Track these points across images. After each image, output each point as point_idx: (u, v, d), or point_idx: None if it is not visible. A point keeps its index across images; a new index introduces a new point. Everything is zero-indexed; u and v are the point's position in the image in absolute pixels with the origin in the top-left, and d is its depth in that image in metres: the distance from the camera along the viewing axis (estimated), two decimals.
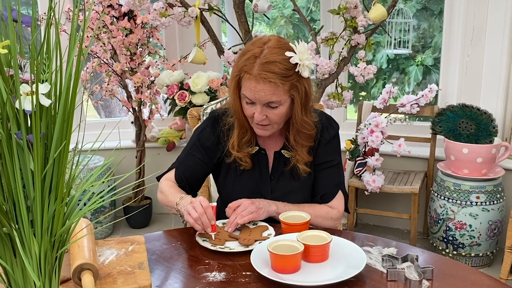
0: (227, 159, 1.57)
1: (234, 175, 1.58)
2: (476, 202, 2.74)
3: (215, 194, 1.80)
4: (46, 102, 0.78)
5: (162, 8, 2.53)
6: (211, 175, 1.73)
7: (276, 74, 1.38)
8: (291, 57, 1.40)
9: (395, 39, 3.55)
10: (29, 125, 0.79)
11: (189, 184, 1.62)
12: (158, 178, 1.66)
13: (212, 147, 1.59)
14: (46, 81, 0.80)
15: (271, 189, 1.57)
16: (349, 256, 1.26)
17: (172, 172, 1.63)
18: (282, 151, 1.58)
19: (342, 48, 2.59)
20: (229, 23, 2.74)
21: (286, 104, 1.45)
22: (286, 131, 1.56)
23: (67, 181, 0.86)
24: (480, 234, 2.76)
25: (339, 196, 1.60)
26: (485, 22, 2.95)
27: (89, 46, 1.04)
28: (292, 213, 1.46)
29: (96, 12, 3.03)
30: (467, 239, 2.78)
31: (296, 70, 1.41)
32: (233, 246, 1.35)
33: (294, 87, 1.42)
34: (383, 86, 3.51)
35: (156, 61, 3.27)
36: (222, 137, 1.58)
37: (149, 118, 3.35)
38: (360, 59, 2.56)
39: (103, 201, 0.89)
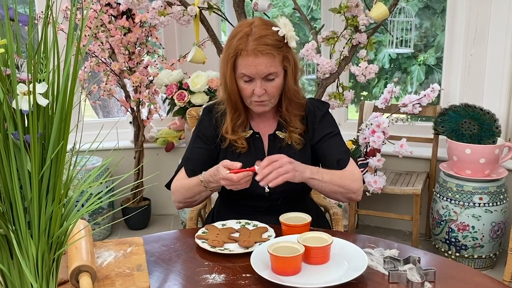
0: (222, 145, 1.63)
1: (231, 158, 1.58)
2: (479, 203, 2.73)
3: (214, 195, 1.78)
4: (43, 102, 0.78)
5: (161, 6, 2.52)
6: None
7: (271, 46, 1.49)
8: (278, 30, 1.51)
9: (397, 38, 3.54)
10: (26, 125, 0.80)
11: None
12: (168, 186, 1.68)
13: (211, 135, 1.65)
14: (43, 80, 0.80)
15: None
16: (350, 258, 1.25)
17: (181, 172, 1.66)
18: (276, 132, 1.64)
19: (343, 47, 2.57)
20: (228, 22, 2.73)
21: (281, 75, 1.55)
22: (278, 112, 1.64)
23: (65, 182, 0.86)
24: (483, 236, 2.75)
25: (352, 161, 1.62)
26: (488, 21, 2.94)
27: (87, 45, 1.03)
28: (292, 215, 1.45)
29: (94, 10, 3.03)
30: (469, 241, 2.77)
31: (285, 41, 1.52)
32: (233, 248, 1.34)
33: (286, 58, 1.53)
34: (385, 86, 3.49)
35: (155, 61, 3.28)
36: (217, 124, 1.65)
37: (147, 118, 3.36)
38: (362, 59, 2.54)
39: (101, 202, 0.89)
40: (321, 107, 1.68)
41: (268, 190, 1.51)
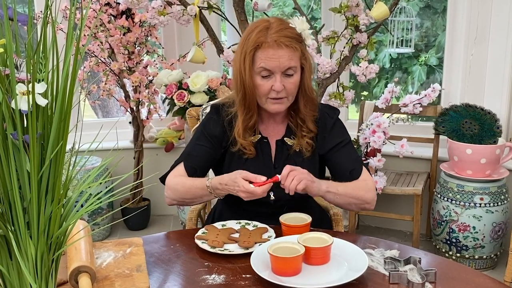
0: (232, 148, 1.58)
1: (237, 163, 1.58)
2: (480, 204, 2.72)
3: None
4: (42, 102, 0.78)
5: (161, 6, 2.52)
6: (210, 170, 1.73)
7: (292, 38, 1.47)
8: (295, 27, 1.53)
9: (397, 38, 3.53)
10: (25, 125, 0.79)
11: (203, 175, 1.62)
12: (162, 179, 1.63)
13: (218, 136, 1.61)
14: (42, 80, 0.80)
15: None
16: (351, 259, 1.25)
17: (179, 168, 1.60)
18: (285, 139, 1.61)
19: (344, 47, 2.57)
20: (228, 21, 2.73)
21: (298, 72, 1.52)
22: (288, 116, 1.62)
23: (64, 182, 0.86)
24: (484, 236, 2.75)
25: (365, 170, 1.61)
26: (489, 20, 2.93)
27: (86, 45, 1.04)
28: (292, 215, 1.44)
29: (94, 10, 3.02)
30: (470, 241, 2.76)
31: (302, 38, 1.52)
32: (233, 248, 1.34)
33: (303, 55, 1.52)
34: (386, 86, 3.48)
35: (155, 60, 3.27)
36: (226, 126, 1.61)
37: (147, 118, 3.35)
38: (362, 58, 2.55)
39: (100, 202, 0.89)
40: (331, 114, 1.64)
41: (273, 198, 1.50)
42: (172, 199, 1.59)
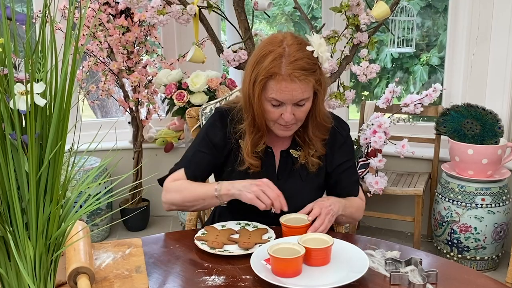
0: (240, 167, 1.53)
1: (238, 174, 1.54)
2: (482, 204, 2.72)
3: None
4: (41, 101, 0.78)
5: (160, 5, 2.50)
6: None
7: (307, 71, 1.39)
8: (312, 51, 1.42)
9: (398, 38, 3.52)
10: (23, 126, 0.80)
11: (215, 175, 1.60)
12: (161, 181, 1.59)
13: (220, 143, 1.56)
14: (41, 80, 0.80)
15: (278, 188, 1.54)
16: (351, 260, 1.25)
17: (180, 172, 1.56)
18: (290, 150, 1.57)
19: (344, 47, 2.57)
20: (228, 21, 2.72)
21: (311, 99, 1.46)
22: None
23: (63, 182, 0.86)
24: (485, 237, 2.74)
25: (360, 190, 1.65)
26: (491, 20, 2.92)
27: (85, 44, 1.04)
28: (292, 216, 1.44)
29: (92, 9, 3.02)
30: (472, 242, 2.76)
31: (319, 63, 1.44)
32: (233, 250, 1.34)
33: (318, 81, 1.44)
34: (387, 86, 3.46)
35: (154, 60, 3.26)
36: (230, 136, 1.55)
37: (146, 118, 3.34)
38: (363, 58, 2.54)
39: (99, 203, 0.89)
40: (342, 130, 1.59)
41: (274, 211, 1.47)
42: (172, 203, 1.54)
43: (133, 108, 3.26)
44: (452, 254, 2.83)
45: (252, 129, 1.50)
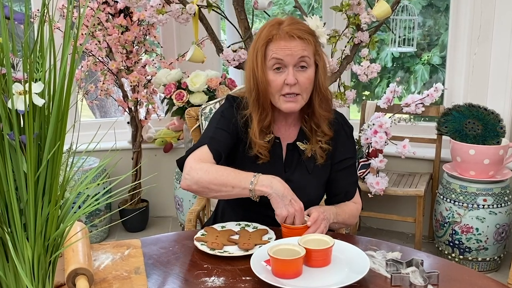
0: (249, 152, 1.53)
1: (249, 164, 1.53)
2: (483, 205, 2.71)
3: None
4: (39, 101, 0.78)
5: (159, 5, 2.51)
6: None
7: (305, 31, 1.47)
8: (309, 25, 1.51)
9: (399, 37, 3.51)
10: (22, 126, 0.80)
11: (227, 162, 1.51)
12: (181, 161, 1.49)
13: (235, 125, 1.54)
14: (39, 80, 0.81)
15: (285, 181, 1.50)
16: (352, 261, 1.25)
17: (203, 150, 1.46)
18: (297, 143, 1.58)
19: (345, 46, 2.56)
20: (228, 20, 2.72)
21: (312, 68, 1.49)
22: (301, 120, 1.58)
23: (61, 183, 0.86)
24: (487, 238, 2.73)
25: (357, 193, 1.65)
26: (493, 19, 2.92)
27: (83, 44, 1.04)
28: None
29: (91, 9, 3.01)
30: (473, 243, 2.75)
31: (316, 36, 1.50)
32: (232, 250, 1.34)
33: (318, 53, 1.50)
34: (387, 86, 3.45)
35: (153, 60, 3.26)
36: (241, 124, 1.54)
37: (145, 118, 3.33)
38: (364, 58, 2.54)
39: (98, 204, 0.89)
40: (346, 126, 1.63)
41: None
42: (195, 182, 1.41)
43: (132, 108, 3.25)
44: (453, 255, 2.83)
45: (257, 107, 1.50)
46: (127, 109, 3.28)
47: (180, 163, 1.50)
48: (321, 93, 1.52)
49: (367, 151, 2.87)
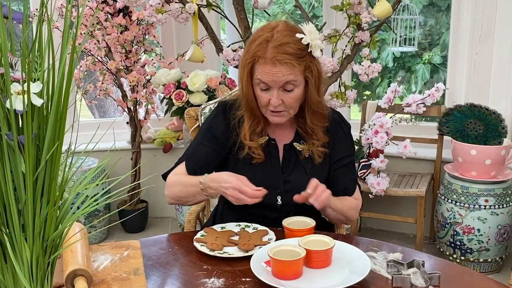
0: (240, 153, 1.55)
1: (243, 166, 1.56)
2: (485, 206, 2.70)
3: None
4: (38, 101, 0.78)
5: (159, 4, 2.49)
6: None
7: (291, 55, 1.41)
8: (302, 38, 1.43)
9: (400, 36, 3.50)
10: (20, 126, 0.80)
11: (219, 170, 1.58)
12: (164, 176, 1.62)
13: (223, 135, 1.58)
14: (38, 80, 0.80)
15: (283, 181, 1.57)
16: (353, 262, 1.25)
17: (181, 166, 1.59)
18: (294, 143, 1.58)
19: (346, 46, 2.55)
20: (228, 19, 2.72)
21: (301, 86, 1.47)
22: (297, 122, 1.58)
23: (60, 183, 0.86)
24: (488, 239, 2.72)
25: (358, 189, 1.66)
26: (494, 18, 2.91)
27: (82, 43, 1.04)
28: (296, 219, 1.43)
29: (90, 8, 3.02)
30: (475, 244, 2.74)
31: (309, 50, 1.45)
32: (232, 251, 1.34)
33: (308, 68, 1.46)
34: (388, 85, 3.44)
35: (152, 59, 3.25)
36: (232, 127, 1.58)
37: (145, 118, 3.32)
38: (364, 57, 2.53)
39: (97, 204, 0.89)
40: (344, 125, 1.64)
41: (281, 203, 1.50)
42: (171, 197, 1.58)
43: (131, 108, 3.24)
44: (455, 256, 2.82)
45: (248, 114, 1.54)
46: (126, 109, 3.28)
47: (164, 178, 1.63)
48: (312, 108, 1.52)
49: (368, 151, 2.86)
